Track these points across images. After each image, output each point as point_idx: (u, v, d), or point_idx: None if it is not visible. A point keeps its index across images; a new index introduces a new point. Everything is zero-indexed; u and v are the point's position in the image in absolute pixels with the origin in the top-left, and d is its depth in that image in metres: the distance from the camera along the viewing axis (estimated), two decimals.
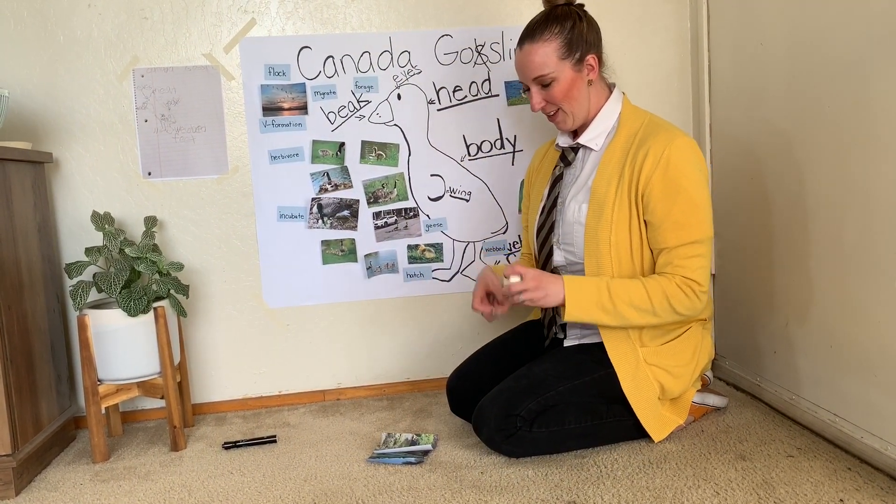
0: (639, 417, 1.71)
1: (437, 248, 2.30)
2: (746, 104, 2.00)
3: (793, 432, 1.78)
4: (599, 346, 1.78)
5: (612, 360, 1.71)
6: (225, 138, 2.20)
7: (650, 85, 2.30)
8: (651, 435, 1.73)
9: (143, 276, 2.07)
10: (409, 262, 2.29)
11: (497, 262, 2.25)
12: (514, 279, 1.62)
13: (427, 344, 2.33)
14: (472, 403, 1.85)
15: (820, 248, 1.70)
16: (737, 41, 2.04)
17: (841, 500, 1.42)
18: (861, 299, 1.57)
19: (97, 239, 2.13)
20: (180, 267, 2.01)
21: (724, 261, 2.21)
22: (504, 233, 2.31)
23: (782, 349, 1.91)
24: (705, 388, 1.95)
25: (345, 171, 2.23)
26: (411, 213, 2.27)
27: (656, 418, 1.73)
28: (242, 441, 1.95)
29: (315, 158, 2.22)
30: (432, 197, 2.28)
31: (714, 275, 2.27)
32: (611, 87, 1.81)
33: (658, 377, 1.72)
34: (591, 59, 1.73)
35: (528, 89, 1.77)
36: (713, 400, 1.92)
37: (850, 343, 1.63)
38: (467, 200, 2.29)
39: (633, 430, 1.76)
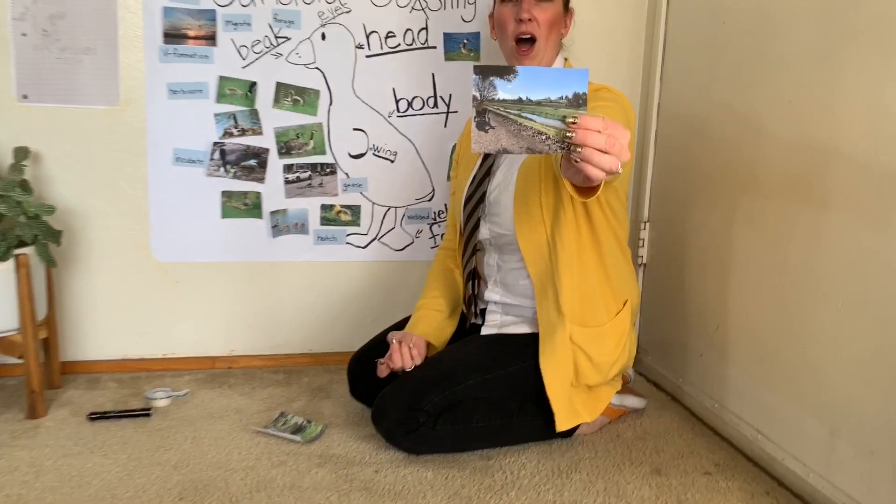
0: (549, 396, 1.56)
1: (355, 210, 2.08)
2: (701, 84, 1.84)
3: (712, 445, 1.67)
4: (518, 339, 1.64)
5: (539, 325, 1.59)
6: (118, 64, 1.91)
7: (599, 52, 2.11)
8: (556, 420, 1.56)
9: (5, 217, 1.78)
10: (322, 224, 2.07)
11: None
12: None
13: (333, 314, 2.13)
14: (374, 389, 1.67)
15: (763, 252, 1.57)
16: (697, 17, 1.86)
17: None
18: (800, 315, 1.45)
19: None
20: (51, 210, 1.74)
21: (657, 249, 2.08)
22: (430, 200, 2.12)
23: (709, 353, 1.80)
24: (625, 387, 1.82)
25: (254, 114, 1.98)
26: (328, 170, 2.05)
27: (566, 404, 1.58)
28: (112, 412, 1.73)
29: (221, 97, 1.96)
30: (353, 154, 2.05)
31: (645, 264, 2.14)
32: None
33: (577, 360, 1.58)
34: (572, 14, 1.68)
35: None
36: (632, 402, 1.80)
37: (781, 358, 1.51)
38: (392, 161, 2.08)
39: (543, 431, 1.63)
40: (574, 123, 0.95)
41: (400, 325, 1.80)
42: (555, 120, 0.96)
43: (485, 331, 1.70)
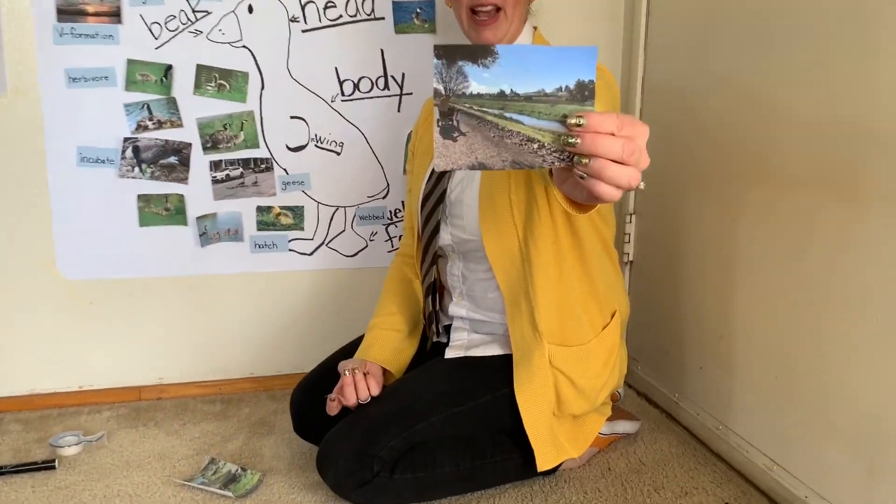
0: (527, 430, 1.32)
1: (297, 212, 1.81)
2: (694, 52, 1.58)
3: (719, 477, 1.43)
4: (488, 362, 1.39)
5: (512, 345, 1.35)
6: (2, 47, 1.61)
7: (571, 18, 1.85)
8: (536, 459, 1.33)
9: None
10: (259, 229, 1.80)
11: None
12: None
13: (277, 333, 1.86)
14: (323, 425, 1.40)
15: (777, 251, 1.32)
16: None
17: None
18: (826, 328, 1.21)
19: None
20: None
21: (646, 245, 1.83)
22: (384, 197, 1.84)
23: (711, 366, 1.55)
24: (614, 408, 1.57)
25: (172, 103, 1.69)
26: (263, 166, 1.77)
27: (548, 438, 1.34)
28: (6, 467, 1.45)
29: (131, 84, 1.67)
30: (292, 146, 1.78)
31: (632, 262, 1.89)
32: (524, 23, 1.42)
33: (559, 386, 1.33)
34: None
35: None
36: (623, 427, 1.56)
37: (801, 377, 1.27)
38: (338, 153, 1.80)
39: (521, 471, 1.39)
40: (579, 125, 0.66)
41: (354, 345, 1.53)
42: (551, 121, 0.67)
43: (449, 353, 1.44)
